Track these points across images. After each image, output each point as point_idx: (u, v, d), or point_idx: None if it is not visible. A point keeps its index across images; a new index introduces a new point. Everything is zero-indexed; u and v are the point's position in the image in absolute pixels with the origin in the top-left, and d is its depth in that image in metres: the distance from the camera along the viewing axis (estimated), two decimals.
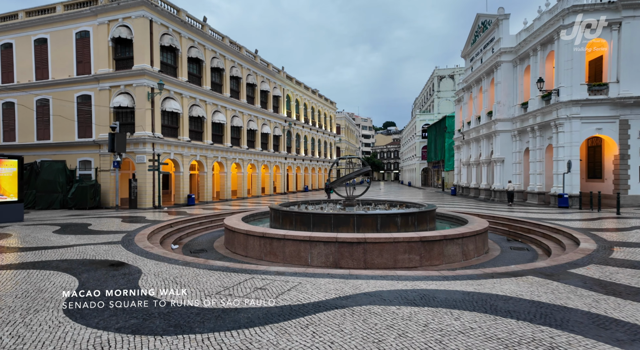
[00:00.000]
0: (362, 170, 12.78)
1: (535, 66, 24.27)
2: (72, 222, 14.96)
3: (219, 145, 30.06)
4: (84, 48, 24.75)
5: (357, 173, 12.79)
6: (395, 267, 8.51)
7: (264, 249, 9.60)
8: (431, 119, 59.66)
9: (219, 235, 13.92)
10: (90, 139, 24.57)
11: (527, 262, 8.56)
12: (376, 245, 8.52)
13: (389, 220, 10.20)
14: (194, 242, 12.77)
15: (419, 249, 8.63)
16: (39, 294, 5.41)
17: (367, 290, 5.33)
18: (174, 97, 25.45)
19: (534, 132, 24.27)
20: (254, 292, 5.30)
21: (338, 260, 8.64)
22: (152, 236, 11.77)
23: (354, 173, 12.88)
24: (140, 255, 8.18)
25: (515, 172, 27.22)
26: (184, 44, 26.22)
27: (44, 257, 8.07)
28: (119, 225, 13.63)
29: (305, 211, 11.10)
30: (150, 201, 23.34)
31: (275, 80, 40.34)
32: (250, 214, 14.09)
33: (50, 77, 25.54)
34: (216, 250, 11.27)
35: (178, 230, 13.78)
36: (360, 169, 12.92)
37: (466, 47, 36.05)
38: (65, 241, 10.13)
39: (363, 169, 12.80)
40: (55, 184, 23.02)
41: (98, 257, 8.06)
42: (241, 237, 10.34)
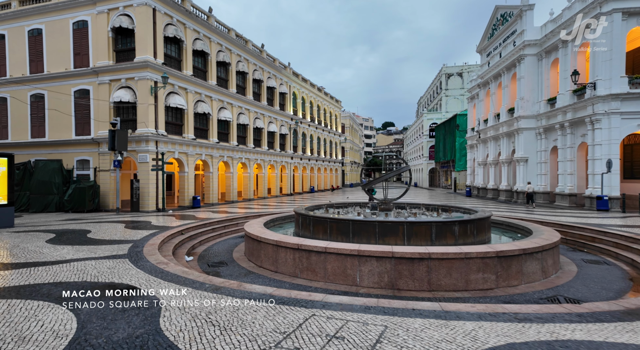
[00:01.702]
0: (403, 168, 11.19)
1: (564, 59, 22.74)
2: (69, 228, 13.30)
3: (225, 144, 28.41)
4: (82, 39, 23.06)
5: (398, 171, 11.21)
6: (467, 288, 6.93)
7: (300, 264, 7.99)
8: (439, 118, 58.15)
9: (235, 243, 12.32)
10: (88, 136, 22.88)
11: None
12: (443, 263, 6.94)
13: (446, 229, 8.62)
14: (209, 252, 11.15)
15: (494, 266, 7.04)
16: (20, 346, 3.79)
17: (492, 343, 3.73)
18: (179, 92, 23.80)
19: (564, 130, 22.74)
20: (331, 346, 3.69)
21: (395, 281, 7.05)
22: (163, 246, 10.14)
23: (394, 171, 11.30)
24: (155, 275, 6.56)
25: (540, 172, 25.70)
26: (188, 35, 24.57)
27: (33, 278, 6.44)
28: (122, 233, 11.99)
29: (344, 218, 9.48)
30: (154, 203, 21.68)
31: (282, 77, 38.71)
32: (270, 219, 12.46)
33: (45, 71, 23.83)
34: (237, 262, 9.66)
35: (190, 238, 12.15)
36: (401, 167, 11.33)
37: (482, 42, 34.52)
38: (60, 254, 8.49)
39: (403, 168, 11.21)
40: (51, 185, 21.34)
41: (101, 278, 6.43)
42: (269, 248, 8.73)
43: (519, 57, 26.63)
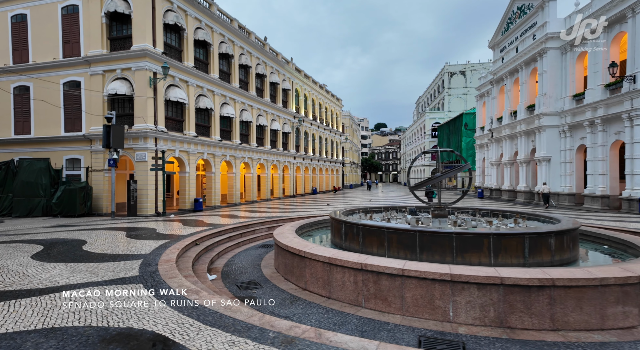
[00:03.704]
0: (461, 166, 9.50)
1: (594, 51, 21.38)
2: (60, 237, 11.29)
3: (228, 143, 26.46)
4: (72, 26, 20.92)
5: (457, 169, 9.52)
6: (603, 327, 5.23)
7: (364, 289, 6.21)
8: (441, 117, 56.89)
9: (259, 255, 10.49)
10: (79, 133, 20.73)
11: None
12: (570, 292, 5.22)
13: (541, 243, 6.92)
14: (232, 266, 9.28)
15: (637, 295, 5.35)
16: None
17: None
18: (179, 85, 21.80)
19: (594, 127, 21.38)
20: None
21: (504, 317, 5.31)
22: (179, 261, 8.27)
23: (453, 170, 9.60)
24: (188, 314, 4.72)
25: (564, 172, 24.32)
26: (190, 23, 22.57)
27: (13, 321, 4.55)
28: (126, 244, 10.04)
29: (408, 228, 7.68)
30: (153, 207, 19.66)
31: (285, 72, 36.83)
32: (299, 226, 10.63)
33: (30, 60, 21.61)
34: (272, 282, 7.84)
35: (206, 249, 10.26)
36: (459, 165, 9.64)
37: (495, 37, 33.16)
38: (51, 277, 6.57)
39: (461, 165, 9.52)
40: (37, 187, 19.17)
41: (113, 320, 4.57)
42: (318, 267, 6.94)
43: (540, 51, 25.23)
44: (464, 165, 9.49)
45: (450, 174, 9.58)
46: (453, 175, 8.72)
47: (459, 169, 9.45)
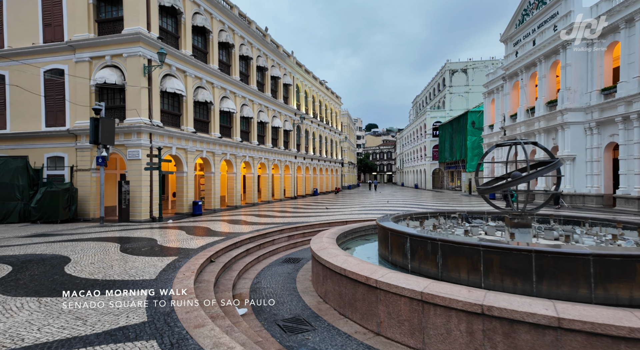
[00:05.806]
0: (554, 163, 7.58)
1: (628, 41, 19.86)
2: (36, 252, 9.02)
3: (228, 140, 24.26)
4: (54, 6, 18.51)
5: (547, 168, 7.60)
6: None
7: (486, 344, 4.20)
8: (442, 116, 55.39)
9: (287, 273, 8.45)
10: (63, 128, 18.32)
11: None
12: None
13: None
14: (259, 292, 7.18)
15: None
16: None
17: None
18: (176, 75, 19.54)
19: (628, 123, 19.85)
20: None
21: None
22: (197, 288, 6.14)
23: (542, 169, 7.67)
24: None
25: (590, 172, 22.79)
26: (187, 7, 20.33)
27: None
28: (122, 263, 7.86)
29: (516, 247, 5.65)
30: (147, 211, 17.38)
31: (286, 66, 34.71)
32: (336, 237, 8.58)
33: (5, 46, 19.11)
34: (326, 320, 5.78)
35: (224, 268, 8.14)
36: (552, 162, 7.71)
37: (508, 30, 31.62)
38: (16, 325, 4.40)
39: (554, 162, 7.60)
40: (13, 189, 16.71)
41: None
42: (401, 304, 4.92)
43: (563, 43, 23.67)
44: (556, 162, 7.60)
45: (543, 174, 7.64)
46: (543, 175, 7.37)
47: (552, 166, 7.60)
